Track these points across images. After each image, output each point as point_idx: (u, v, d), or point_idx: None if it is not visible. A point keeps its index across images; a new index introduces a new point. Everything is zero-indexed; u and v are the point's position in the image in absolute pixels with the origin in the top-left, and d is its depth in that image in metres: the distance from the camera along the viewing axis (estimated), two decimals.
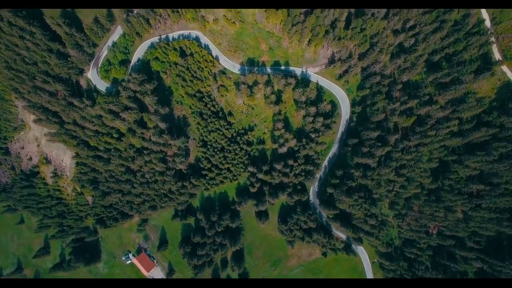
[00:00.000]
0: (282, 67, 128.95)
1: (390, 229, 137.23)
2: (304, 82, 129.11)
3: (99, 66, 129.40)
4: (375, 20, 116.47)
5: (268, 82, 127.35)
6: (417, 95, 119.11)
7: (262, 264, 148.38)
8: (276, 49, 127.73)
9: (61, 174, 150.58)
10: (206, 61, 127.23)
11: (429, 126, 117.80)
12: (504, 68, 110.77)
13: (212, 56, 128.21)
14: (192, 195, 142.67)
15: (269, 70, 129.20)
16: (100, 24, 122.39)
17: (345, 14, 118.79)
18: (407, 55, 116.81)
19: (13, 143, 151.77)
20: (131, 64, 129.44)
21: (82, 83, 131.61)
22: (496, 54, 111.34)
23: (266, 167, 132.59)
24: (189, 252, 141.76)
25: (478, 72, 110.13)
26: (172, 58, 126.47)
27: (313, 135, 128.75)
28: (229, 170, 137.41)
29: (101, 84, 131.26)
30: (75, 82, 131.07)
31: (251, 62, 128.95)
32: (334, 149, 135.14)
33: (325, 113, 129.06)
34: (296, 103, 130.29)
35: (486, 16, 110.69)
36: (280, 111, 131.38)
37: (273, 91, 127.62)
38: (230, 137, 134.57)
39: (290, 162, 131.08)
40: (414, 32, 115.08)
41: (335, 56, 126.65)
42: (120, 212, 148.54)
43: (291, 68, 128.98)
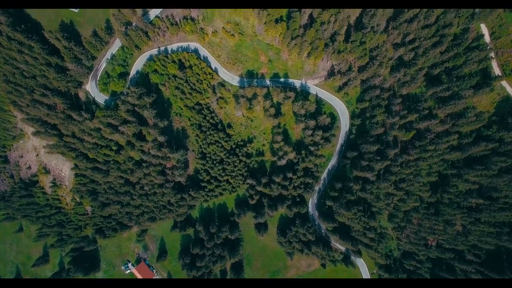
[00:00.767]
0: (282, 79, 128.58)
1: (389, 241, 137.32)
2: (303, 94, 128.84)
3: (98, 79, 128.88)
4: (375, 33, 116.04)
5: (267, 95, 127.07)
6: (416, 109, 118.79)
7: (261, 274, 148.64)
8: (275, 61, 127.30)
9: (60, 184, 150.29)
10: (205, 73, 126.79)
11: (428, 140, 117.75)
12: (503, 83, 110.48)
13: (211, 68, 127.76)
14: (191, 207, 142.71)
15: (268, 82, 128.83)
16: (98, 37, 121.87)
17: (344, 28, 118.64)
18: (407, 69, 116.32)
19: (12, 152, 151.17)
20: (130, 76, 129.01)
21: (81, 96, 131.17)
22: (495, 69, 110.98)
23: (265, 180, 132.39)
24: (188, 263, 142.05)
25: (477, 87, 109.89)
26: (171, 70, 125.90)
27: (312, 148, 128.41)
28: (228, 182, 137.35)
29: (100, 96, 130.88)
30: (74, 95, 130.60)
31: (250, 74, 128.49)
32: (333, 161, 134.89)
33: (324, 126, 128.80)
34: (295, 116, 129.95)
35: (485, 30, 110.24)
36: (279, 124, 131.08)
37: (272, 104, 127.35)
38: (229, 149, 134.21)
39: (289, 175, 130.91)
40: (414, 46, 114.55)
41: (335, 68, 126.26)
42: (119, 222, 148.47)
43: (291, 80, 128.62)
